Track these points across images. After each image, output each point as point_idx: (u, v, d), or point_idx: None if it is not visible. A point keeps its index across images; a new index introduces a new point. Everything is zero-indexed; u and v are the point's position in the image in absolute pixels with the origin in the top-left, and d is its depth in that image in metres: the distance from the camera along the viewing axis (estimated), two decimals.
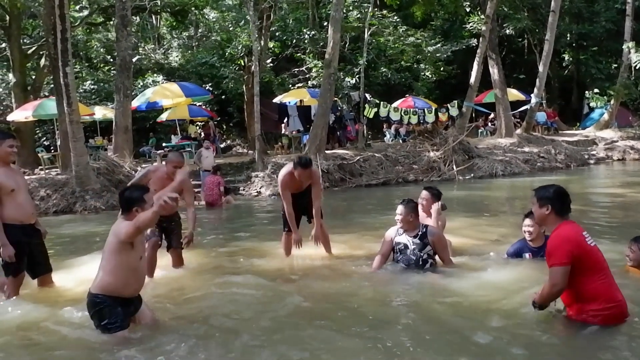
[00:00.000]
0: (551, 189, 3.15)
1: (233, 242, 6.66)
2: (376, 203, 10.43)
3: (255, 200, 11.69)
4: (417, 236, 4.36)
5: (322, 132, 13.55)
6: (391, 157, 14.03)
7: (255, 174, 12.91)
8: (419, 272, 4.27)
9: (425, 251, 4.35)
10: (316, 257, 5.20)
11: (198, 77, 22.05)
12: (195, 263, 5.36)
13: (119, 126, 13.06)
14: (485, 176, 13.63)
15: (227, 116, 23.20)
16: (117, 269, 3.15)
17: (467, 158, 14.30)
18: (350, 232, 6.67)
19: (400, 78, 22.76)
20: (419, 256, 4.34)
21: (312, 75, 20.76)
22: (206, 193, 10.53)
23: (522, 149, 16.09)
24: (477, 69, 16.97)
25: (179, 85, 15.53)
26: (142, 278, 3.36)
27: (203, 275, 4.85)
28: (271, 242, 6.16)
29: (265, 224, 8.67)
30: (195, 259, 5.65)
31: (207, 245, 6.51)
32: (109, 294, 3.14)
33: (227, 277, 4.71)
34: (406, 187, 12.58)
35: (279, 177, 5.13)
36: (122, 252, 3.14)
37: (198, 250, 6.24)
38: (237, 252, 5.86)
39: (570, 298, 3.05)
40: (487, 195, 10.89)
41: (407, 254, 4.36)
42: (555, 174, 13.76)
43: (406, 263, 4.36)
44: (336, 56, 13.77)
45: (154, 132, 20.33)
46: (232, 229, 8.06)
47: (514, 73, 25.04)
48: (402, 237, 4.41)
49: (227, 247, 6.33)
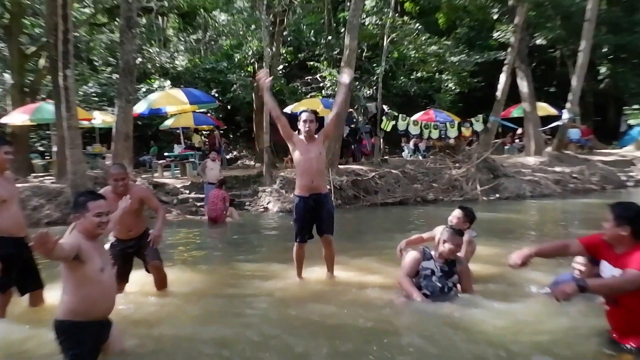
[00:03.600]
0: (632, 208, 3.04)
1: (236, 262, 6.64)
2: (392, 224, 10.34)
3: (261, 216, 11.68)
4: (447, 264, 4.32)
5: (336, 146, 13.56)
6: (409, 174, 13.97)
7: (262, 188, 12.93)
8: (444, 301, 4.22)
9: (451, 280, 4.35)
10: (328, 281, 5.16)
11: (204, 83, 22.30)
12: (193, 284, 5.34)
13: (119, 133, 13.19)
14: (511, 197, 13.49)
15: (234, 125, 23.36)
16: (76, 288, 3.00)
17: (492, 177, 14.19)
18: (364, 254, 6.61)
19: (421, 89, 22.79)
20: (445, 284, 4.31)
21: (326, 85, 20.88)
22: (209, 208, 10.54)
23: (553, 168, 15.93)
24: (505, 81, 16.93)
25: (183, 92, 15.70)
26: (110, 294, 3.18)
27: (200, 299, 4.83)
28: (278, 263, 6.12)
29: (272, 242, 8.65)
30: (193, 279, 5.64)
31: (208, 265, 6.50)
32: (74, 318, 3.01)
33: (227, 301, 4.68)
34: (425, 207, 12.48)
35: None
36: (74, 269, 2.98)
37: (197, 270, 6.23)
38: (240, 274, 5.84)
39: (632, 325, 2.97)
40: (514, 218, 10.76)
41: (432, 281, 4.32)
42: (589, 197, 13.57)
43: (430, 290, 4.30)
44: (353, 65, 13.83)
45: (156, 141, 20.54)
46: (236, 248, 8.05)
47: (545, 86, 24.94)
48: (430, 263, 4.37)
49: (229, 267, 6.31)
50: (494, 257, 6.28)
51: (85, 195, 3.20)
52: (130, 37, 13.35)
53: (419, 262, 4.38)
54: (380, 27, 19.55)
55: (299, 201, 5.05)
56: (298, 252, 5.17)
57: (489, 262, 5.82)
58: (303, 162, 4.97)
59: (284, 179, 12.80)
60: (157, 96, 16.15)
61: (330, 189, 11.72)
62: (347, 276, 5.37)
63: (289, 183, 12.48)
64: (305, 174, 4.97)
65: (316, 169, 4.97)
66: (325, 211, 5.03)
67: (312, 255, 5.28)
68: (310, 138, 4.99)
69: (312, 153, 4.96)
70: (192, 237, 9.37)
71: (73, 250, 2.92)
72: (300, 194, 5.05)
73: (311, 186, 4.97)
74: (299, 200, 5.05)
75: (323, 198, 5.05)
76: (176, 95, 15.50)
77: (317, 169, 4.98)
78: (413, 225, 10.05)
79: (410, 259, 4.43)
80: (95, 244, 3.12)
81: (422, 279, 4.33)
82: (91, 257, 3.02)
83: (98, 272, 3.05)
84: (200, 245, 8.57)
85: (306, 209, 5.01)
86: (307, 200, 5.00)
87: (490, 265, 5.75)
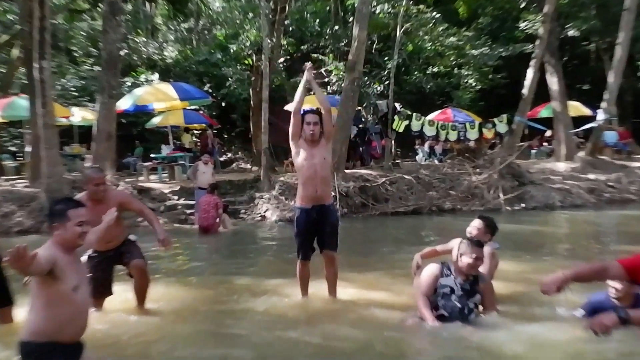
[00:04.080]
0: None
1: (230, 276, 6.64)
2: (404, 235, 10.31)
3: (258, 225, 11.68)
4: (468, 281, 4.29)
5: (342, 148, 13.57)
6: (424, 180, 13.95)
7: (259, 194, 12.94)
8: (463, 323, 4.20)
9: (473, 300, 4.29)
10: (331, 300, 5.15)
11: (196, 77, 22.41)
12: (181, 301, 5.35)
13: (100, 132, 13.25)
14: (539, 207, 13.44)
15: (229, 124, 23.43)
16: (45, 306, 2.98)
17: (517, 184, 14.14)
18: (372, 269, 6.60)
19: (438, 86, 22.81)
20: (465, 304, 4.26)
21: (332, 80, 20.95)
22: (200, 216, 10.56)
23: (586, 175, 15.85)
24: (532, 77, 16.91)
25: (173, 86, 15.78)
26: (83, 315, 3.17)
27: (190, 317, 4.83)
28: (276, 278, 6.13)
29: (270, 254, 8.66)
30: (182, 295, 5.64)
31: (198, 279, 6.50)
32: (41, 340, 2.97)
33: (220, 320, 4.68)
34: (441, 217, 12.45)
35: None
36: (45, 285, 2.96)
37: (186, 284, 6.24)
38: (235, 289, 5.84)
39: None
40: (542, 230, 10.72)
41: (451, 300, 4.28)
42: (627, 208, 13.50)
43: (449, 311, 4.26)
44: (361, 58, 13.86)
45: (142, 141, 20.62)
46: (230, 260, 8.05)
47: (577, 83, 24.91)
48: (449, 280, 4.31)
49: (223, 282, 6.31)
50: (518, 273, 6.27)
51: (65, 203, 3.20)
52: (114, 25, 13.44)
53: (437, 278, 4.33)
54: (393, 16, 19.63)
55: (301, 213, 5.04)
56: (302, 271, 5.14)
57: (512, 280, 5.79)
58: (306, 168, 4.96)
59: (284, 185, 12.81)
60: (143, 91, 16.23)
61: (336, 195, 11.73)
62: (353, 294, 5.35)
63: (289, 189, 12.49)
64: (308, 182, 4.97)
65: (320, 176, 4.96)
66: (329, 225, 5.02)
67: (315, 269, 5.26)
68: (315, 142, 4.99)
69: (317, 158, 4.96)
70: (181, 248, 9.37)
71: (48, 264, 2.91)
72: (302, 205, 5.03)
73: (314, 196, 4.96)
74: (301, 212, 5.04)
75: (327, 210, 5.04)
76: (165, 91, 15.58)
77: (321, 177, 4.97)
78: (427, 237, 10.04)
79: (427, 275, 4.38)
80: (71, 257, 3.11)
81: (440, 297, 4.28)
82: (66, 274, 3.00)
83: (71, 291, 3.02)
84: (190, 257, 8.57)
85: (308, 221, 5.00)
86: (310, 212, 4.99)
87: (514, 282, 5.73)
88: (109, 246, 4.73)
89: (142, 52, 24.63)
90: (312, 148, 4.99)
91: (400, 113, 15.94)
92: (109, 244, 4.71)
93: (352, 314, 4.77)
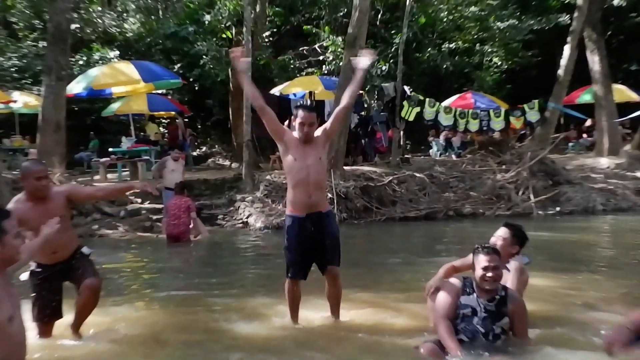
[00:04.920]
0: None
1: (206, 294, 6.65)
2: (415, 245, 10.36)
3: (240, 233, 11.69)
4: (494, 300, 4.30)
5: (341, 140, 13.59)
6: (439, 178, 14.00)
7: (241, 196, 12.96)
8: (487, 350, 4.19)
9: (500, 324, 4.27)
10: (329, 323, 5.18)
11: (164, 54, 22.35)
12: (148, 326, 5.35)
13: (47, 121, 13.22)
14: (576, 211, 13.49)
15: (203, 112, 23.40)
16: None
17: (550, 184, 14.21)
18: (376, 286, 6.63)
19: (456, 65, 22.85)
20: (490, 329, 4.27)
21: (327, 58, 20.96)
22: (169, 222, 10.57)
23: (633, 173, 15.97)
24: (569, 56, 17.00)
25: (135, 66, 15.73)
26: (20, 350, 3.15)
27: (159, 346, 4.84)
28: (262, 297, 6.16)
29: (254, 268, 8.67)
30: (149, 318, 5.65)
31: (168, 299, 6.51)
32: None
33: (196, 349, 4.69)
34: (459, 223, 12.50)
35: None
36: None
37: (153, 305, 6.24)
38: (213, 311, 5.86)
39: None
40: (580, 240, 10.75)
41: (473, 323, 4.29)
42: None
43: (470, 335, 4.27)
44: (363, 31, 13.88)
45: (97, 132, 20.56)
46: (206, 275, 8.03)
47: (624, 63, 25.00)
48: (472, 299, 4.32)
49: (198, 302, 6.32)
50: (552, 291, 6.30)
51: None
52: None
53: (457, 295, 4.34)
54: None
55: (293, 223, 5.03)
56: (291, 291, 5.11)
57: (545, 299, 5.84)
58: (297, 170, 4.96)
59: (271, 184, 12.83)
60: (99, 72, 16.16)
61: (333, 198, 11.77)
62: (355, 316, 5.36)
63: (277, 189, 12.52)
64: (300, 186, 4.96)
65: (314, 180, 4.95)
66: (329, 236, 5.01)
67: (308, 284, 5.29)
68: (308, 140, 5.01)
69: (310, 159, 4.96)
70: (147, 261, 9.37)
71: None
72: (294, 214, 5.03)
73: (308, 203, 4.96)
74: (293, 221, 5.03)
75: (325, 218, 5.04)
76: (125, 71, 15.53)
77: (315, 181, 4.96)
78: (443, 247, 10.06)
79: (446, 293, 4.38)
80: (3, 280, 3.07)
81: (460, 320, 4.30)
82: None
83: (5, 322, 2.98)
84: (157, 272, 8.57)
85: (302, 233, 4.99)
86: (304, 222, 4.98)
87: (548, 302, 5.77)
88: (56, 258, 4.70)
89: (97, 24, 24.57)
90: (304, 146, 4.99)
91: (410, 98, 15.97)
92: (55, 255, 4.67)
93: (354, 340, 4.78)
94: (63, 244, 4.68)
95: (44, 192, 4.57)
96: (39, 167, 4.66)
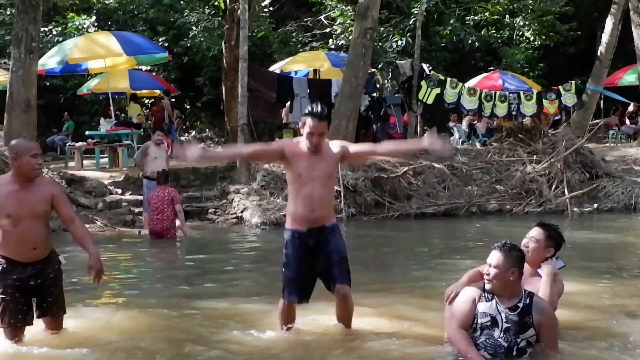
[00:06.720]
0: None
1: (195, 298, 6.68)
2: (433, 246, 10.38)
3: (233, 230, 11.73)
4: (516, 309, 4.29)
5: (349, 125, 13.60)
6: (460, 170, 14.02)
7: (235, 188, 12.99)
8: None
9: (524, 336, 4.26)
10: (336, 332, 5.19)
11: (147, 24, 22.34)
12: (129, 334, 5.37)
13: (15, 100, 13.24)
14: (617, 208, 13.52)
15: (193, 91, 23.39)
16: None
17: (587, 177, 14.22)
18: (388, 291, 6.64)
19: (482, 41, 22.78)
20: (513, 341, 4.27)
21: (335, 31, 20.91)
22: (152, 216, 10.57)
23: None
24: (612, 31, 16.94)
25: (115, 37, 15.73)
26: None
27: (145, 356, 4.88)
28: (259, 302, 6.18)
29: (248, 270, 8.69)
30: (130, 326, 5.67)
31: (152, 304, 6.53)
32: None
33: None
34: (484, 220, 12.54)
35: None
36: None
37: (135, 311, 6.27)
38: (203, 317, 5.89)
39: None
40: (621, 241, 10.79)
41: (493, 336, 4.29)
42: None
43: (492, 351, 4.27)
44: (377, 1, 13.86)
45: (72, 113, 20.55)
46: (195, 277, 8.06)
47: None
48: (491, 307, 4.31)
49: (186, 307, 6.34)
50: (589, 298, 6.32)
51: None
52: None
53: (474, 303, 4.35)
54: None
55: (292, 237, 5.00)
56: (286, 314, 5.09)
57: (580, 308, 5.85)
58: (301, 182, 4.92)
59: (269, 174, 12.83)
60: (74, 44, 16.18)
61: (340, 191, 11.76)
62: (364, 324, 5.37)
63: (275, 180, 12.53)
64: (302, 200, 4.93)
65: (319, 196, 4.90)
66: (335, 252, 4.97)
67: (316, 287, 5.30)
68: (317, 151, 4.92)
69: (317, 171, 4.89)
70: (127, 260, 9.41)
71: None
72: (294, 227, 5.01)
73: (311, 217, 4.93)
74: (292, 235, 5.01)
75: (329, 233, 5.00)
76: (105, 43, 15.55)
77: (320, 197, 4.91)
78: (465, 247, 10.08)
79: (462, 300, 4.40)
80: None
81: (478, 331, 4.31)
82: None
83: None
84: (138, 274, 8.61)
85: (303, 249, 4.96)
86: (305, 238, 4.96)
87: (583, 312, 5.78)
88: (34, 255, 4.72)
89: None
90: (311, 156, 4.91)
91: (429, 78, 15.96)
92: (34, 252, 4.70)
93: (361, 352, 4.79)
94: (42, 239, 4.74)
95: (40, 171, 4.65)
96: (34, 144, 4.75)
